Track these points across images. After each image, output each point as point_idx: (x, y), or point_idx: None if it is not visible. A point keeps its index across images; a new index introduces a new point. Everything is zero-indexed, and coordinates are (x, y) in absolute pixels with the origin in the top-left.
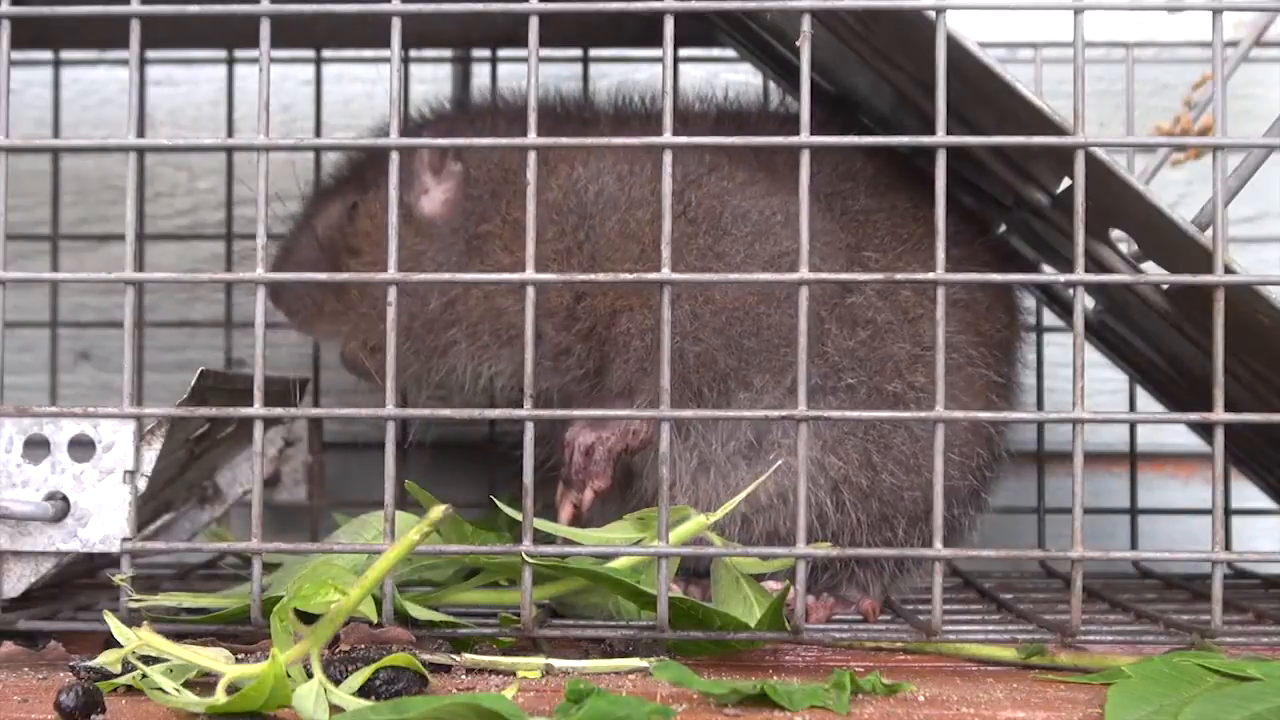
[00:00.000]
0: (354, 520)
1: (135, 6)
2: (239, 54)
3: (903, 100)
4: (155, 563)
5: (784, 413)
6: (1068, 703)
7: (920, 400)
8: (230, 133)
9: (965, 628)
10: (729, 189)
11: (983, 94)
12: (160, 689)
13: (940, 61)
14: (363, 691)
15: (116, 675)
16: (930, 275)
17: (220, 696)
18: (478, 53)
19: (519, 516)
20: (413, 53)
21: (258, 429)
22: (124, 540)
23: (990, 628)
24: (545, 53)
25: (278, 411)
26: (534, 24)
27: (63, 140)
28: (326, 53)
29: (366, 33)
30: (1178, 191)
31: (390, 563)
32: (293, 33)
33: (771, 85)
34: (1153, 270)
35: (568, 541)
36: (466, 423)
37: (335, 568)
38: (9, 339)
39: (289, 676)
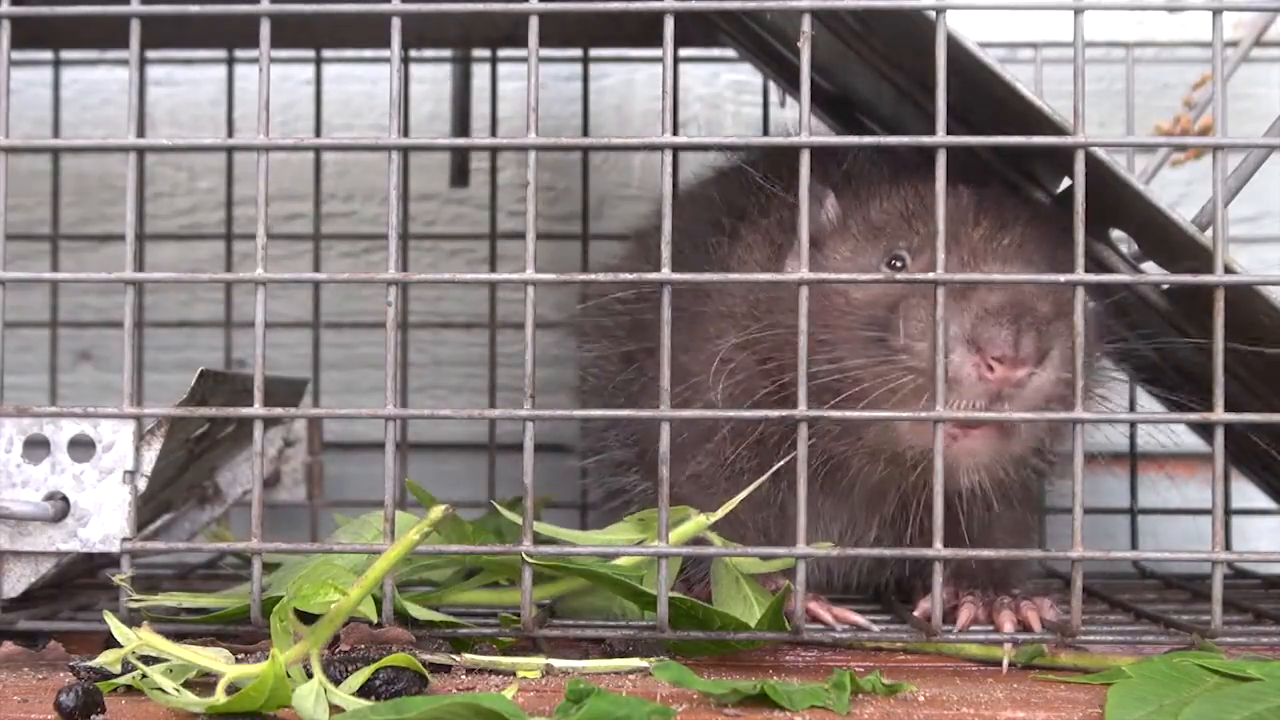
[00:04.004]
0: (354, 520)
1: (135, 6)
2: (239, 54)
3: (903, 99)
4: (155, 563)
5: (784, 413)
6: (1068, 703)
7: None
8: (230, 133)
9: None
10: None
11: (983, 94)
12: (160, 689)
13: (940, 61)
14: (363, 691)
15: (116, 675)
16: (930, 275)
17: (220, 696)
18: (478, 53)
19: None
20: (413, 53)
21: (258, 429)
22: (124, 540)
23: (990, 628)
24: (545, 53)
25: (278, 412)
26: (534, 24)
27: (63, 140)
28: (326, 53)
29: (366, 33)
30: (1178, 191)
31: (390, 563)
32: (293, 33)
33: (771, 85)
34: (1153, 270)
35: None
36: (466, 422)
37: (335, 568)
38: (9, 339)
39: (289, 676)
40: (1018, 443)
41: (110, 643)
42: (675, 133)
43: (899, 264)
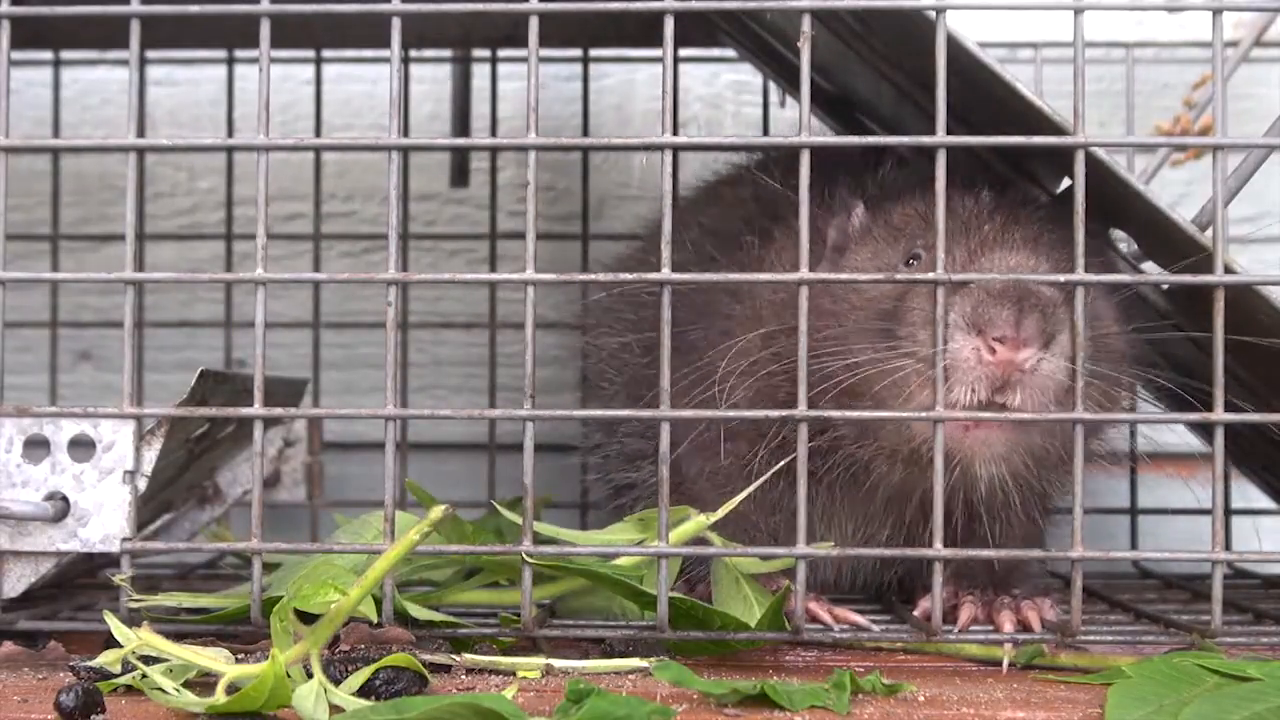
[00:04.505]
0: (354, 520)
1: (135, 6)
2: (239, 54)
3: (903, 99)
4: (155, 563)
5: (784, 413)
6: (1068, 703)
7: None
8: (230, 133)
9: None
10: None
11: (983, 94)
12: (160, 689)
13: (940, 61)
14: (363, 691)
15: (116, 675)
16: (930, 275)
17: (220, 696)
18: (478, 53)
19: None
20: (413, 53)
21: (258, 429)
22: (124, 540)
23: (990, 628)
24: (545, 53)
25: (278, 412)
26: (534, 24)
27: (63, 140)
28: (326, 53)
29: (366, 33)
30: (1178, 191)
31: (390, 563)
32: (293, 33)
33: (771, 85)
34: (1153, 270)
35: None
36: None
37: (335, 568)
38: (9, 339)
39: (289, 676)
40: (1035, 433)
41: (110, 643)
42: (675, 133)
43: (915, 262)
